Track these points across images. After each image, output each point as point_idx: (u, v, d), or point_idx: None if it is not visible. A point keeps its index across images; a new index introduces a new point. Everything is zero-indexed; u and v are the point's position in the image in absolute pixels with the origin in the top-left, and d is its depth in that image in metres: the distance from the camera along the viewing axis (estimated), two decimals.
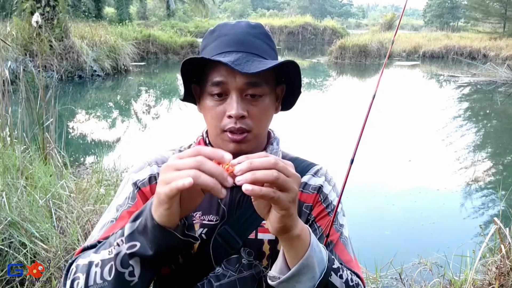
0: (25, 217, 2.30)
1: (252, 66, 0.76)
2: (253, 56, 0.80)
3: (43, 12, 9.42)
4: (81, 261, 0.72)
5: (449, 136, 7.08)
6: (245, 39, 0.82)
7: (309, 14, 33.79)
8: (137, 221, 0.67)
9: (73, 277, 0.71)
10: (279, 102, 0.90)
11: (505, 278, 2.23)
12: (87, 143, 6.34)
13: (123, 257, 0.67)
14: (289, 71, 0.84)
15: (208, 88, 0.81)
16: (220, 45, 0.82)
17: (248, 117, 0.80)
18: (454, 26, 38.04)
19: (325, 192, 0.90)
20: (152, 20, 24.92)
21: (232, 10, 56.74)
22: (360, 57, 16.95)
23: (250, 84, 0.79)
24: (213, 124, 0.82)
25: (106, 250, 0.69)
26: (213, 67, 0.80)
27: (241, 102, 0.79)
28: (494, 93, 11.06)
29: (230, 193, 0.86)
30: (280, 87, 0.88)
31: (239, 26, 0.84)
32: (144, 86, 11.60)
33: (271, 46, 0.86)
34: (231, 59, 0.77)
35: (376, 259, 2.70)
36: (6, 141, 3.15)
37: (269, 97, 0.83)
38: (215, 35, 0.84)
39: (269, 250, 0.84)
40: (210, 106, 0.82)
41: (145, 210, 0.67)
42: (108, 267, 0.68)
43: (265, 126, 0.85)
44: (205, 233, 0.83)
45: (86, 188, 2.95)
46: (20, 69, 4.44)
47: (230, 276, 0.82)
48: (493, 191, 4.68)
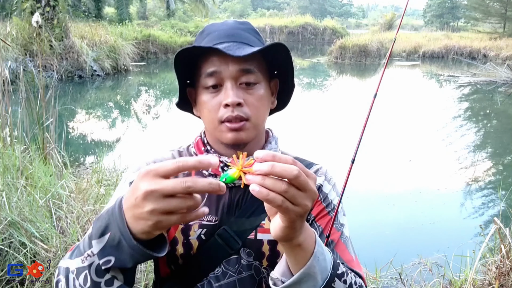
0: (25, 217, 2.30)
1: (244, 51, 0.77)
2: (243, 44, 0.81)
3: (43, 12, 9.42)
4: (63, 264, 0.70)
5: (449, 136, 7.07)
6: (234, 32, 0.83)
7: (309, 14, 33.79)
8: (106, 236, 0.61)
9: (57, 278, 0.70)
10: (274, 97, 0.90)
11: (505, 278, 2.23)
12: (87, 143, 6.34)
13: (97, 268, 0.63)
14: (281, 60, 0.84)
15: (202, 81, 0.81)
16: (211, 40, 0.82)
17: (244, 105, 0.79)
18: (454, 26, 38.08)
19: (325, 192, 0.90)
20: (152, 20, 24.91)
21: (232, 10, 56.72)
22: (360, 57, 16.95)
23: (244, 70, 0.79)
24: (210, 117, 0.81)
25: (79, 258, 0.66)
26: (205, 59, 0.80)
27: (236, 90, 0.79)
28: (494, 93, 11.06)
29: (230, 193, 0.86)
30: (274, 81, 0.89)
31: (227, 23, 0.86)
32: (144, 86, 11.60)
33: (259, 40, 0.87)
34: (222, 46, 0.77)
35: (376, 259, 2.70)
36: (6, 141, 3.15)
37: (264, 86, 0.83)
38: (204, 33, 0.86)
39: (269, 251, 0.84)
40: (205, 100, 0.81)
41: (111, 223, 0.61)
42: (83, 276, 0.65)
43: (263, 116, 0.84)
44: (204, 234, 0.83)
45: (86, 188, 2.95)
46: (20, 69, 4.44)
47: (230, 277, 0.81)
48: (493, 191, 4.68)
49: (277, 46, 0.79)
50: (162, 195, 0.54)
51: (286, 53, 0.81)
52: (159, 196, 0.55)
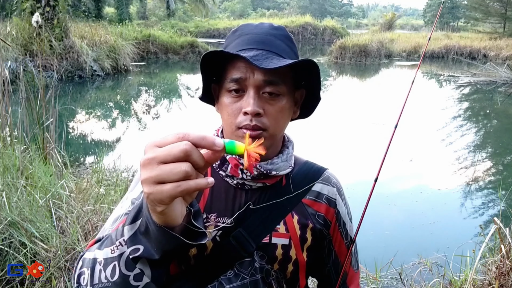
0: (25, 217, 2.30)
1: (271, 63, 0.75)
2: (272, 54, 0.79)
3: (43, 12, 9.42)
4: (88, 255, 0.70)
5: (450, 136, 7.08)
6: (266, 39, 0.81)
7: (309, 14, 33.75)
8: (138, 221, 0.62)
9: (79, 271, 0.69)
10: (297, 107, 0.89)
11: (505, 278, 2.23)
12: (87, 143, 6.34)
13: (127, 259, 0.63)
14: (309, 74, 0.83)
15: (226, 84, 0.81)
16: (241, 43, 0.81)
17: (264, 115, 0.78)
18: (454, 26, 38.06)
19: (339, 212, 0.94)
20: (152, 20, 24.92)
21: (232, 10, 56.70)
22: (360, 57, 16.93)
23: (268, 82, 0.78)
24: (228, 121, 0.81)
25: (109, 248, 0.66)
26: (232, 64, 0.79)
27: (258, 99, 0.78)
28: (494, 93, 11.06)
29: (246, 195, 0.86)
30: (300, 91, 0.87)
31: (262, 26, 0.84)
32: (144, 86, 11.59)
33: (292, 49, 0.85)
34: (250, 54, 0.76)
35: (376, 259, 2.70)
36: (6, 141, 3.15)
37: (287, 98, 0.82)
38: (237, 34, 0.84)
39: (282, 255, 0.84)
40: (227, 103, 0.81)
41: (143, 209, 0.61)
42: (111, 267, 0.65)
43: (281, 127, 0.84)
44: (219, 235, 0.83)
45: (86, 188, 2.95)
46: (20, 69, 4.44)
47: (243, 279, 0.81)
48: (493, 191, 4.68)
49: (305, 63, 0.78)
50: (158, 162, 0.52)
51: (315, 68, 0.81)
52: (154, 163, 0.52)
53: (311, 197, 0.89)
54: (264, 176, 0.84)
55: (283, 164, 0.86)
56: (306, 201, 0.89)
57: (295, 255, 0.85)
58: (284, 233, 0.85)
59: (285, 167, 0.86)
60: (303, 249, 0.87)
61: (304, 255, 0.86)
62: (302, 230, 0.87)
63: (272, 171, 0.84)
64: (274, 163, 0.85)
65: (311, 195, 0.90)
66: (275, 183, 0.87)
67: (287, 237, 0.85)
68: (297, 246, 0.86)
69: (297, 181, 0.89)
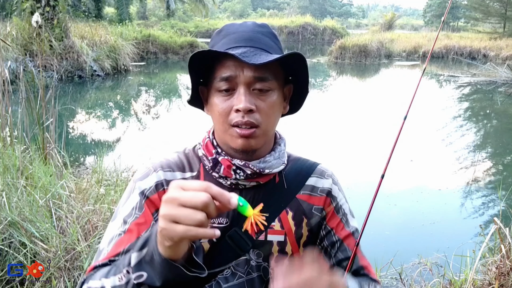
0: (25, 217, 2.30)
1: (260, 58, 0.76)
2: (260, 50, 0.80)
3: (43, 12, 9.42)
4: (93, 284, 0.72)
5: (450, 136, 7.08)
6: (253, 36, 0.82)
7: (309, 14, 33.80)
8: (144, 250, 0.66)
9: None
10: (287, 102, 0.90)
11: (505, 278, 2.23)
12: (87, 143, 6.34)
13: (133, 286, 0.67)
14: (297, 68, 0.84)
15: (215, 84, 0.81)
16: (228, 42, 0.81)
17: (256, 111, 0.79)
18: (454, 26, 38.09)
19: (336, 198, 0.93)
20: (152, 20, 24.94)
21: (232, 10, 56.72)
22: (360, 57, 16.94)
23: (258, 78, 0.78)
24: (220, 120, 0.81)
25: (116, 277, 0.69)
26: (220, 63, 0.80)
27: (249, 95, 0.78)
28: (494, 93, 11.06)
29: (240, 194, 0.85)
30: (288, 87, 0.88)
31: (246, 25, 0.85)
32: (144, 86, 11.60)
33: (277, 45, 0.86)
34: (238, 51, 0.77)
35: (376, 259, 2.70)
36: (6, 141, 3.15)
37: (277, 93, 0.82)
38: (222, 34, 0.84)
39: (278, 252, 0.85)
40: (217, 103, 0.81)
41: (151, 238, 0.65)
42: None
43: (273, 123, 0.84)
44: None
45: (86, 188, 2.95)
46: (20, 69, 4.44)
47: (239, 278, 0.82)
48: (493, 191, 4.68)
49: (293, 56, 0.78)
50: (178, 203, 0.58)
51: (302, 62, 0.81)
52: (175, 203, 0.59)
53: (305, 192, 0.90)
54: (257, 175, 0.84)
55: (276, 161, 0.86)
56: (301, 197, 0.89)
57: (291, 251, 0.86)
58: (279, 230, 0.85)
59: (278, 164, 0.86)
60: (299, 245, 0.87)
61: (301, 251, 0.87)
62: (297, 226, 0.87)
63: (265, 170, 0.84)
64: (266, 161, 0.85)
65: (305, 189, 0.90)
66: (269, 181, 0.87)
67: (282, 234, 0.86)
68: (293, 242, 0.86)
69: (290, 178, 0.90)
